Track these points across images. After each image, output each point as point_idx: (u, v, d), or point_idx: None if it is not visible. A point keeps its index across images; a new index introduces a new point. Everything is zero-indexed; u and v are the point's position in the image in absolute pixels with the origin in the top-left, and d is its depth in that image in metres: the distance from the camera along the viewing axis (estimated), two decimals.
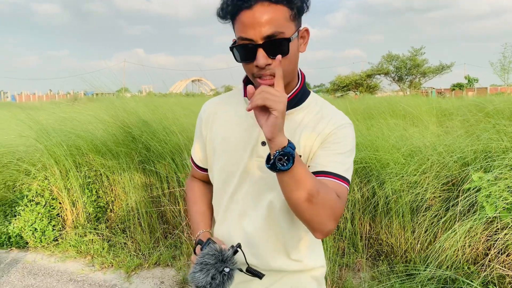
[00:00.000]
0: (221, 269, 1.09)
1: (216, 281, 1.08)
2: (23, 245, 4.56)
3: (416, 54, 39.07)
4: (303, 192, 0.99)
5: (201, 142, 1.40)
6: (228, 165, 1.28)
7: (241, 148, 1.26)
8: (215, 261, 1.11)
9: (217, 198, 1.37)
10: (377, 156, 3.91)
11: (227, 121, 1.31)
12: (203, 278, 1.08)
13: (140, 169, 4.64)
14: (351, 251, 3.77)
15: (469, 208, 3.29)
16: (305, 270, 1.34)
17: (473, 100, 8.72)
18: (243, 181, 1.26)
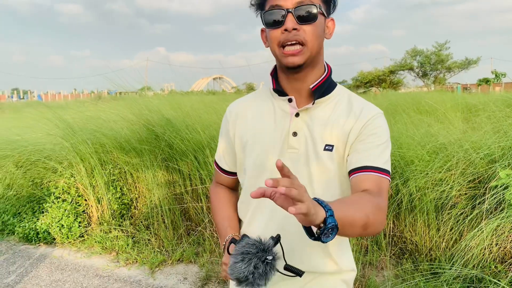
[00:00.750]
0: (263, 259, 1.02)
1: (259, 270, 1.01)
2: (50, 241, 4.68)
3: (441, 49, 38.31)
4: (357, 229, 0.97)
5: (228, 143, 1.38)
6: (260, 158, 1.25)
7: (273, 140, 1.24)
8: (257, 250, 1.03)
9: (247, 197, 1.34)
10: (401, 153, 3.85)
11: (256, 116, 1.30)
12: (245, 268, 1.01)
13: (163, 166, 4.70)
14: (374, 249, 3.74)
15: (496, 206, 3.22)
16: (337, 273, 1.30)
17: (501, 95, 8.50)
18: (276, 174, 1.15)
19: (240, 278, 1.02)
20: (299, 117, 1.22)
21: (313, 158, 1.19)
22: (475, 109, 7.68)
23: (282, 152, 1.22)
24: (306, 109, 1.22)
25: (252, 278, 1.01)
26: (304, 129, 1.21)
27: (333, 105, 1.24)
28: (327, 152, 1.19)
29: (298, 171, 1.19)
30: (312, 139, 1.20)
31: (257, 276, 1.01)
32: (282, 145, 1.23)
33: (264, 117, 1.28)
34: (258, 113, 1.30)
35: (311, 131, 1.21)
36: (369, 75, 38.87)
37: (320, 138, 1.20)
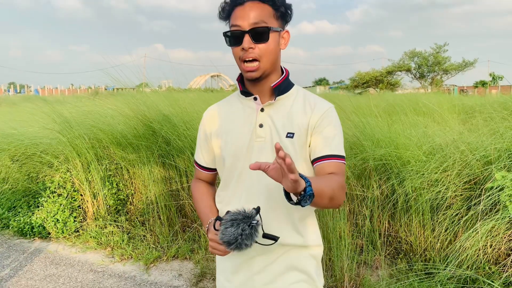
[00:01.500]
0: (249, 223, 1.23)
1: (246, 232, 1.22)
2: (45, 235, 4.67)
3: (439, 51, 38.41)
4: (325, 200, 1.20)
5: (205, 142, 1.60)
6: (234, 149, 1.47)
7: (244, 132, 1.46)
8: (243, 217, 1.24)
9: (225, 184, 1.54)
10: (398, 154, 3.86)
11: (228, 116, 1.54)
12: (234, 231, 1.22)
13: (160, 163, 4.69)
14: (370, 248, 3.75)
15: (491, 207, 3.23)
16: (306, 246, 1.49)
17: (498, 98, 8.53)
18: (247, 161, 1.43)
19: (230, 240, 1.22)
20: (264, 112, 1.46)
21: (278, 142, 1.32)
22: (471, 111, 7.71)
23: (251, 141, 1.44)
24: (269, 104, 1.46)
25: (240, 239, 1.22)
26: (269, 121, 1.44)
27: (292, 101, 1.47)
28: (289, 139, 1.41)
29: (265, 155, 1.42)
30: (276, 128, 1.43)
31: (244, 237, 1.22)
32: (251, 135, 1.45)
33: (235, 115, 1.52)
34: (230, 112, 1.54)
35: (274, 122, 1.44)
36: (366, 76, 38.93)
37: (282, 127, 1.42)
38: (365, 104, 8.23)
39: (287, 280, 1.47)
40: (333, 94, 29.53)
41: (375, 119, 5.09)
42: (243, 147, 1.45)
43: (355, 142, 4.33)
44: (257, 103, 1.47)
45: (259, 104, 1.47)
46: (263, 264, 1.46)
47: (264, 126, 1.43)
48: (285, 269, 1.47)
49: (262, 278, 1.47)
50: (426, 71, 39.22)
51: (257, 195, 1.44)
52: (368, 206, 3.86)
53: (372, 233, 3.84)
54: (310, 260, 1.50)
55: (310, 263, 1.50)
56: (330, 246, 3.56)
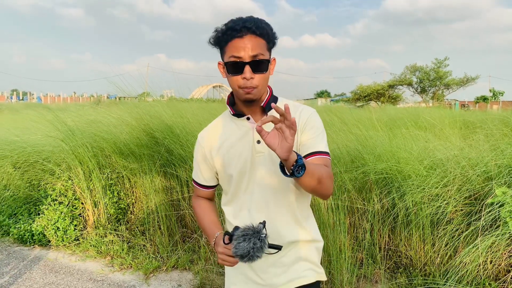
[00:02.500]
0: (259, 237, 1.39)
1: (257, 245, 1.37)
2: (45, 243, 4.66)
3: (440, 65, 38.56)
4: (315, 180, 1.39)
5: (205, 162, 1.74)
6: (240, 166, 1.63)
7: (244, 151, 1.63)
8: (252, 232, 1.39)
9: (231, 196, 1.70)
10: (399, 168, 3.88)
11: (225, 136, 1.69)
12: (247, 245, 1.37)
13: (161, 172, 4.71)
14: (369, 262, 3.74)
15: (492, 223, 3.24)
16: (312, 241, 1.70)
17: (498, 113, 8.56)
18: (252, 175, 1.62)
19: (243, 254, 1.37)
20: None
21: (275, 155, 1.56)
22: (472, 126, 7.73)
23: (253, 157, 1.62)
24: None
25: (252, 252, 1.37)
26: None
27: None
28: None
29: (266, 167, 1.61)
30: None
31: (256, 250, 1.37)
32: (252, 152, 1.62)
33: (232, 135, 1.67)
34: (226, 133, 1.69)
35: None
36: (368, 89, 39.05)
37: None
38: (367, 117, 8.26)
39: (298, 269, 1.66)
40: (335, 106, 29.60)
41: (376, 133, 5.12)
42: (247, 163, 1.62)
43: (356, 155, 4.35)
44: (250, 122, 1.64)
45: (253, 123, 1.63)
46: (276, 257, 1.64)
47: (262, 142, 1.59)
48: (295, 261, 1.67)
49: (276, 270, 1.65)
50: (427, 85, 39.34)
51: (265, 203, 1.62)
52: (368, 220, 3.86)
53: (372, 246, 3.83)
54: (315, 252, 1.71)
55: (315, 254, 1.71)
56: (330, 259, 3.56)
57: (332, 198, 3.81)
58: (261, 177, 1.62)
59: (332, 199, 3.79)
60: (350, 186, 3.97)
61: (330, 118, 8.66)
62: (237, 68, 1.50)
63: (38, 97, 61.73)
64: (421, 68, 39.16)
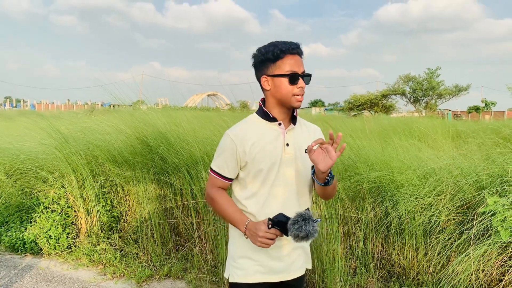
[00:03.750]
0: (314, 220, 1.69)
1: (315, 227, 1.68)
2: (37, 252, 4.63)
3: (432, 75, 38.86)
4: (334, 189, 1.91)
5: (233, 158, 1.94)
6: (270, 162, 1.91)
7: (276, 149, 1.92)
8: (308, 216, 1.69)
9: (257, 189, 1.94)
10: (392, 177, 3.90)
11: (259, 136, 1.94)
12: (308, 227, 1.66)
13: (155, 180, 4.70)
14: (362, 271, 3.75)
15: (484, 232, 3.26)
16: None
17: (490, 124, 8.64)
18: (280, 172, 1.92)
19: (304, 235, 1.66)
20: (288, 134, 1.95)
21: (299, 158, 1.95)
22: (465, 136, 7.80)
23: (282, 156, 1.91)
24: (291, 129, 1.96)
25: (311, 233, 1.67)
26: (293, 141, 1.95)
27: (299, 126, 2.02)
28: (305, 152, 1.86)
29: (292, 166, 1.93)
30: (298, 146, 1.95)
31: (314, 231, 1.67)
32: (282, 152, 1.92)
33: (265, 135, 1.94)
34: (259, 133, 1.94)
35: (297, 141, 1.96)
36: (361, 98, 39.22)
37: (302, 145, 1.95)
38: (360, 127, 8.30)
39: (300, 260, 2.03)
40: (329, 115, 29.72)
41: (369, 142, 5.15)
42: (277, 160, 1.91)
43: (350, 164, 4.37)
44: (281, 127, 1.94)
45: (283, 129, 1.94)
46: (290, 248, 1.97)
47: (290, 145, 1.93)
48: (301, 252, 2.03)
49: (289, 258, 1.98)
50: (420, 95, 39.60)
51: (287, 197, 1.93)
52: (362, 229, 3.87)
53: (365, 255, 3.84)
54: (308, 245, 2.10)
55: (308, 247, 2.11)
56: (324, 268, 3.56)
57: (325, 206, 3.82)
58: (288, 175, 1.92)
59: (326, 208, 3.80)
60: (344, 195, 3.99)
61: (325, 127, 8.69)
62: (296, 80, 1.85)
63: (32, 104, 61.42)
64: (414, 78, 39.46)
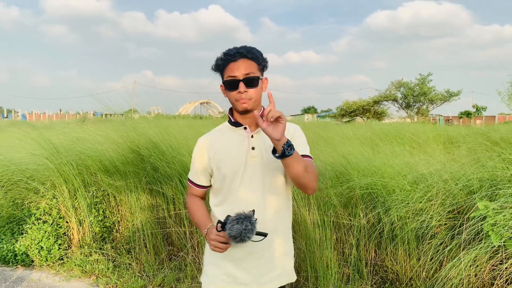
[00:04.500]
0: (250, 220, 1.65)
1: (249, 227, 1.63)
2: (28, 263, 4.58)
3: (424, 81, 39.18)
4: (301, 165, 1.70)
5: (202, 165, 2.00)
6: (233, 167, 1.89)
7: (240, 154, 1.90)
8: (244, 216, 1.66)
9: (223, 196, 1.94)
10: (383, 183, 3.92)
11: (224, 142, 1.96)
12: (239, 227, 1.63)
13: (147, 190, 4.68)
14: (356, 277, 3.75)
15: (475, 237, 3.28)
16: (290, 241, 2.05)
17: (480, 129, 8.73)
18: (245, 176, 1.88)
19: (236, 235, 1.62)
20: (254, 138, 1.92)
21: (266, 160, 1.88)
22: (456, 141, 7.86)
23: (247, 160, 1.89)
24: (257, 132, 1.93)
25: (244, 233, 1.63)
26: (259, 144, 1.90)
27: None
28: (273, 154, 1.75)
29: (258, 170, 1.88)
30: (265, 149, 1.88)
31: (247, 231, 1.63)
32: (246, 156, 1.89)
33: (230, 141, 1.95)
34: (225, 139, 1.97)
35: (264, 144, 1.89)
36: (354, 105, 39.43)
37: (269, 147, 1.78)
38: (353, 133, 8.34)
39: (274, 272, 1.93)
40: (321, 122, 29.81)
41: (361, 148, 5.17)
42: (241, 165, 1.88)
43: (341, 171, 4.39)
44: (247, 131, 1.93)
45: (249, 132, 1.92)
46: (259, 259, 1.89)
47: (256, 149, 1.89)
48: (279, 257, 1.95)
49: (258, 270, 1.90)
50: (412, 101, 39.87)
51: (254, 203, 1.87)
52: (354, 235, 3.88)
53: (358, 262, 3.85)
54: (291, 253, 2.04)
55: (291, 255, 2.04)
56: (317, 275, 3.56)
57: (318, 213, 3.83)
58: (253, 180, 1.88)
59: (318, 215, 3.81)
60: (336, 201, 4.00)
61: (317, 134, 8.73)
62: (233, 85, 1.84)
63: (23, 114, 61.01)
64: (406, 84, 39.75)
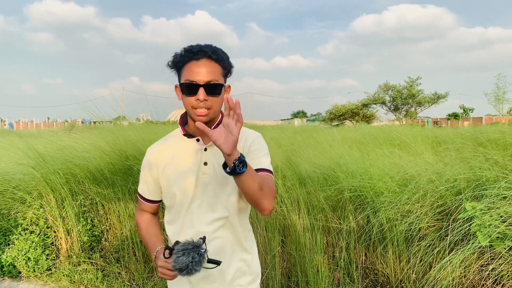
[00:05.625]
0: (198, 251, 1.45)
1: (196, 259, 1.43)
2: (15, 275, 4.51)
3: (412, 84, 39.58)
4: (255, 183, 1.45)
5: (152, 179, 1.78)
6: (183, 185, 1.68)
7: (190, 170, 1.68)
8: (192, 246, 1.46)
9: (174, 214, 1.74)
10: (371, 184, 3.93)
11: (173, 154, 1.73)
12: (186, 259, 1.42)
13: (136, 197, 4.64)
14: (347, 281, 3.75)
15: (463, 237, 3.30)
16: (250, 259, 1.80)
17: (467, 130, 8.82)
18: (195, 194, 1.68)
19: (182, 267, 1.42)
20: (207, 151, 1.69)
21: (220, 178, 1.67)
22: (444, 142, 7.92)
23: (198, 177, 1.67)
24: (211, 145, 1.69)
25: (191, 266, 1.42)
26: (212, 159, 1.68)
27: None
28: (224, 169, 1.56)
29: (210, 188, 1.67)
30: (219, 164, 1.65)
31: (194, 264, 1.43)
32: (197, 172, 1.68)
33: (180, 154, 1.72)
34: (175, 151, 1.73)
35: (218, 158, 1.67)
36: (343, 108, 39.70)
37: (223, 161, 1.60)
38: (342, 136, 8.37)
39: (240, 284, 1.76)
40: (311, 126, 29.92)
41: (349, 151, 5.19)
42: (191, 183, 1.67)
43: (330, 174, 4.40)
44: (200, 144, 1.70)
45: (202, 145, 1.70)
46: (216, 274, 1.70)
47: (208, 164, 1.68)
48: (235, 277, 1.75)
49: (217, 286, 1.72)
50: (400, 103, 40.23)
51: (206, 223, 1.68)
52: (344, 238, 3.88)
53: (349, 265, 3.85)
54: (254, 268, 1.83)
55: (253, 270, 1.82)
56: (308, 280, 3.55)
57: (307, 217, 3.82)
58: (205, 198, 1.68)
59: (308, 219, 3.81)
60: (326, 205, 4.00)
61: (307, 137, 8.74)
62: (192, 90, 1.57)
63: (10, 123, 60.29)
64: (394, 87, 40.10)
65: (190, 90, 1.58)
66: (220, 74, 1.62)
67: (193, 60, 1.58)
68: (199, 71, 1.57)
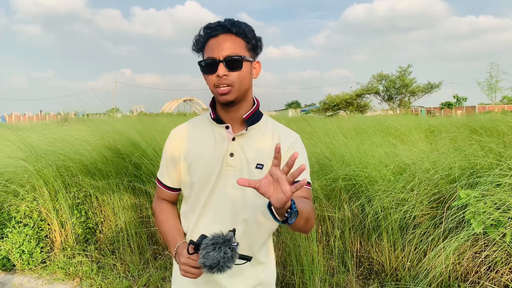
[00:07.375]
0: (230, 246, 1.30)
1: (228, 255, 1.28)
2: (10, 268, 4.48)
3: (404, 73, 39.63)
4: (303, 221, 1.30)
5: (173, 163, 1.62)
6: (204, 175, 1.52)
7: (214, 160, 1.51)
8: (223, 240, 1.30)
9: (191, 206, 1.59)
10: (366, 173, 3.93)
11: (198, 140, 1.57)
12: (217, 255, 1.27)
13: (130, 189, 4.62)
14: (341, 269, 3.76)
15: (457, 225, 3.31)
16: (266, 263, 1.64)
17: (460, 119, 8.86)
18: (215, 187, 1.51)
19: (212, 264, 1.27)
20: (235, 141, 1.52)
21: (246, 174, 1.49)
22: (437, 131, 7.95)
23: (222, 169, 1.50)
24: (241, 135, 1.52)
25: (222, 262, 1.27)
26: (239, 151, 1.51)
27: (262, 132, 1.56)
28: (258, 169, 1.50)
29: (232, 183, 1.49)
30: (246, 159, 1.50)
31: (226, 260, 1.28)
32: (221, 163, 1.50)
33: (205, 140, 1.56)
34: (200, 137, 1.57)
35: (245, 152, 1.51)
36: (337, 99, 39.72)
37: (253, 158, 1.50)
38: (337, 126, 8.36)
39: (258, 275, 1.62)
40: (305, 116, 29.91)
41: (344, 140, 5.18)
42: (213, 174, 1.51)
43: (325, 163, 4.39)
44: (228, 131, 1.53)
45: (230, 133, 1.52)
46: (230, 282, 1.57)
47: (235, 156, 1.51)
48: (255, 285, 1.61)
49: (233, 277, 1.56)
50: (394, 93, 40.31)
51: (224, 217, 1.52)
52: (339, 227, 3.89)
53: (344, 254, 3.86)
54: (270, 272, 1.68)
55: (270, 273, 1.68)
56: (303, 268, 3.56)
57: None
58: (225, 192, 1.51)
59: None
60: (321, 194, 4.00)
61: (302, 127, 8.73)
62: (211, 67, 1.44)
63: (2, 116, 59.80)
64: (387, 77, 40.15)
65: (210, 68, 1.45)
66: (242, 48, 1.47)
67: (211, 37, 1.46)
68: (217, 46, 1.44)
